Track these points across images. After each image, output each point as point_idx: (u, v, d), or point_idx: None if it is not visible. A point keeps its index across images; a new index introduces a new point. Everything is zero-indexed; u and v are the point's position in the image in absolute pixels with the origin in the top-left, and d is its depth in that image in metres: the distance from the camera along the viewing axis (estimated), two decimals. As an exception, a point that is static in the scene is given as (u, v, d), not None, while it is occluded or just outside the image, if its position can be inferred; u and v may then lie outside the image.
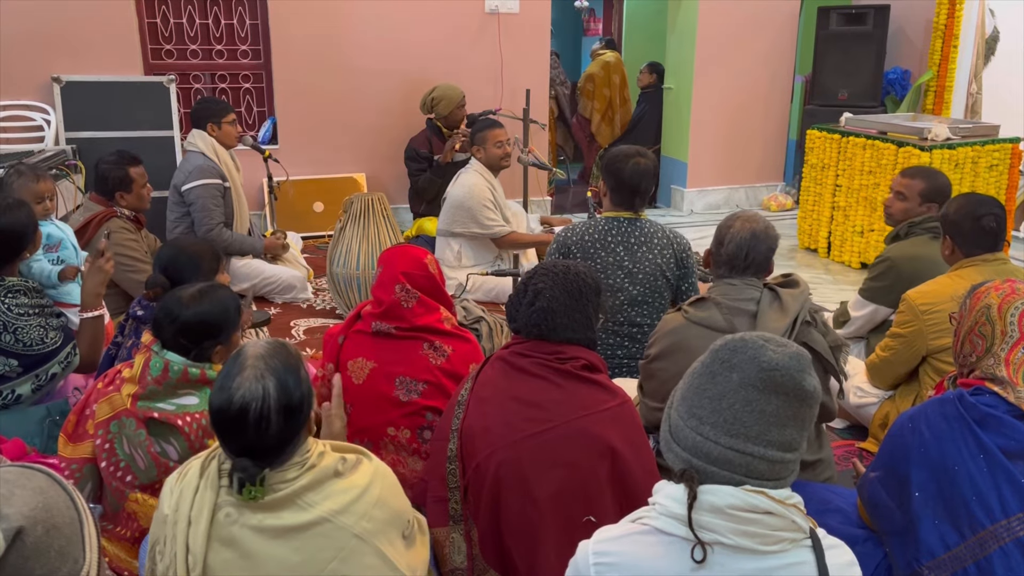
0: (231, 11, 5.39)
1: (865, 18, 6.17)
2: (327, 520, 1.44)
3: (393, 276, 2.35)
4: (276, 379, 1.45)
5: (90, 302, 2.73)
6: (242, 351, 1.51)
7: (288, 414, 1.44)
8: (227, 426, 1.44)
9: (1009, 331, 1.76)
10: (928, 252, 3.05)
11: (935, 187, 3.19)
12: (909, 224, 3.19)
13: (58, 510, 1.06)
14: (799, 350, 1.29)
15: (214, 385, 1.48)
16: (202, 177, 4.04)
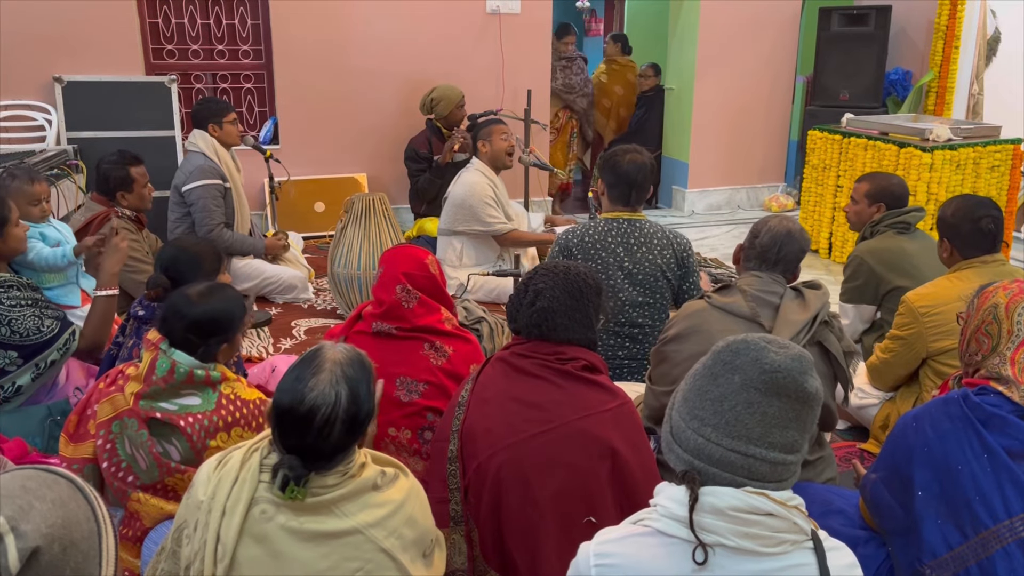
0: (232, 11, 5.39)
1: (867, 19, 6.17)
2: (359, 532, 1.44)
3: (394, 276, 2.35)
4: (350, 388, 1.46)
5: (106, 280, 2.75)
6: (320, 352, 1.51)
7: (352, 425, 1.45)
8: (291, 423, 1.43)
9: (1016, 330, 1.76)
10: (893, 244, 3.17)
11: (879, 187, 3.32)
12: (871, 225, 3.30)
13: (77, 524, 1.01)
14: (801, 352, 1.29)
15: (284, 380, 1.47)
16: (203, 178, 4.04)
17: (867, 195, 3.36)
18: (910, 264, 3.09)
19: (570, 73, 6.53)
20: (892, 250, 3.16)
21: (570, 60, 6.53)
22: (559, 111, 6.58)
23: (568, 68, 6.53)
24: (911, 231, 3.24)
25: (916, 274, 3.03)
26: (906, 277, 3.05)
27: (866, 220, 3.35)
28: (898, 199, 3.31)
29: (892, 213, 3.27)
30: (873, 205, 3.34)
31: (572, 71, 6.55)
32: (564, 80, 6.49)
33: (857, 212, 3.41)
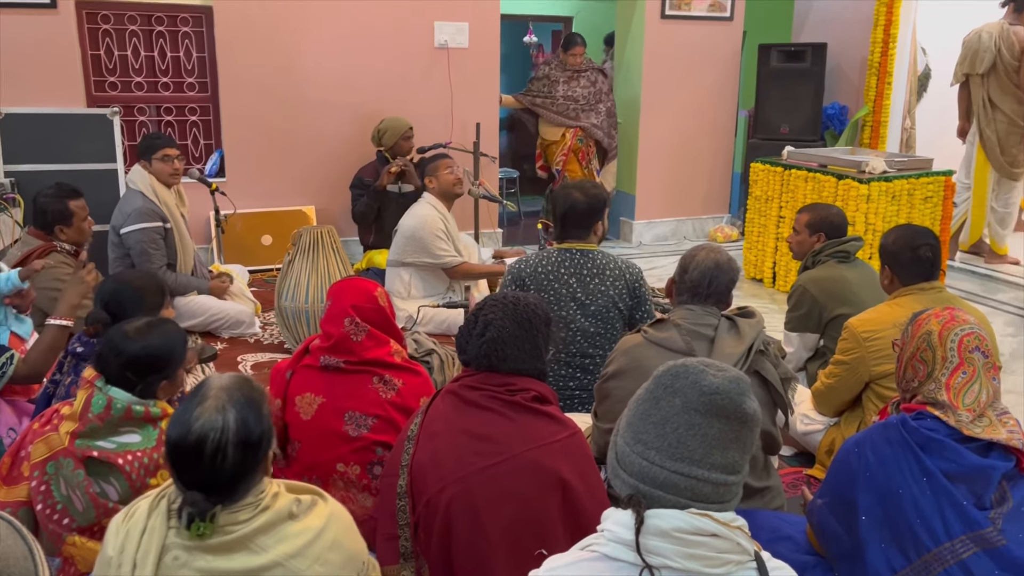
0: (177, 44, 5.34)
1: (804, 55, 6.38)
2: (280, 564, 1.40)
3: (342, 309, 2.34)
4: (237, 412, 1.43)
5: (65, 311, 2.68)
6: (206, 382, 1.49)
7: (246, 449, 1.42)
8: (182, 457, 1.40)
9: (949, 357, 1.81)
10: (834, 273, 3.26)
11: (819, 218, 3.44)
12: (813, 255, 3.39)
13: (16, 560, 1.00)
14: (738, 374, 1.32)
15: (173, 415, 1.45)
16: (140, 221, 3.96)
17: (808, 225, 3.46)
18: (851, 292, 3.18)
19: (575, 86, 6.14)
20: (834, 279, 3.24)
21: (577, 72, 6.16)
22: (565, 132, 6.20)
23: (574, 80, 6.15)
24: (851, 260, 3.33)
25: (856, 302, 3.11)
26: (847, 305, 3.13)
27: (807, 250, 3.44)
28: (837, 229, 3.41)
29: (832, 243, 3.36)
30: (814, 235, 3.44)
31: (579, 83, 6.15)
32: (566, 92, 6.12)
33: (799, 242, 3.51)
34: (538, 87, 6.17)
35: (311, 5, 5.41)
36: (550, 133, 6.21)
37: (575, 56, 6.11)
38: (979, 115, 5.51)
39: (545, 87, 6.14)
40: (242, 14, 5.28)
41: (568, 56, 6.12)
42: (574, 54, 6.11)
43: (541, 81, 6.17)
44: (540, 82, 6.17)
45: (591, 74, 6.21)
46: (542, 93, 6.14)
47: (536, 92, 6.17)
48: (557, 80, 6.12)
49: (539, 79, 6.19)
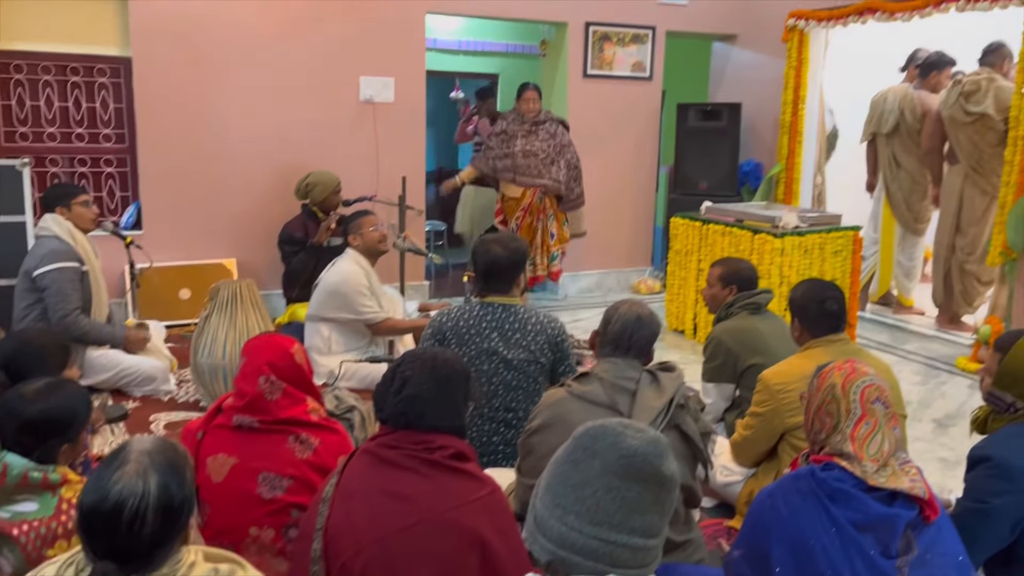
0: (93, 94, 5.24)
1: (720, 115, 6.64)
2: None
3: (257, 367, 2.28)
4: (159, 476, 1.37)
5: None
6: (126, 445, 1.43)
7: (166, 516, 1.36)
8: (97, 524, 1.33)
9: (852, 408, 1.87)
10: (747, 324, 3.37)
11: (730, 271, 3.59)
12: (725, 307, 3.51)
13: None
14: (657, 436, 1.33)
15: (89, 479, 1.38)
16: (57, 260, 3.83)
17: (720, 279, 3.60)
18: (763, 342, 3.28)
19: (534, 139, 5.78)
20: (746, 329, 3.35)
21: (536, 124, 5.81)
22: (526, 190, 5.85)
23: (533, 134, 5.79)
24: (762, 312, 3.45)
25: (768, 351, 3.22)
26: (759, 354, 3.24)
27: (721, 302, 3.56)
28: (748, 281, 3.54)
29: (743, 295, 3.48)
30: (726, 288, 3.56)
31: (538, 136, 5.79)
32: (524, 147, 5.76)
33: (712, 295, 3.63)
34: (496, 143, 5.88)
35: (234, 57, 5.38)
36: (511, 190, 5.94)
37: (528, 103, 5.80)
38: (885, 172, 5.80)
39: (503, 143, 5.83)
40: (162, 65, 5.22)
41: (521, 103, 5.83)
42: (526, 99, 5.81)
43: (499, 137, 5.88)
44: (498, 138, 5.88)
45: (550, 125, 5.88)
46: (500, 151, 5.82)
47: (495, 150, 5.85)
48: (515, 135, 5.80)
49: (496, 135, 5.90)
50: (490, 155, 5.90)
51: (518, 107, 5.86)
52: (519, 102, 5.84)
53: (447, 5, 6.02)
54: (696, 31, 6.91)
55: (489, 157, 5.91)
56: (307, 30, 5.55)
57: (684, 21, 6.78)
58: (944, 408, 4.33)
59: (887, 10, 5.55)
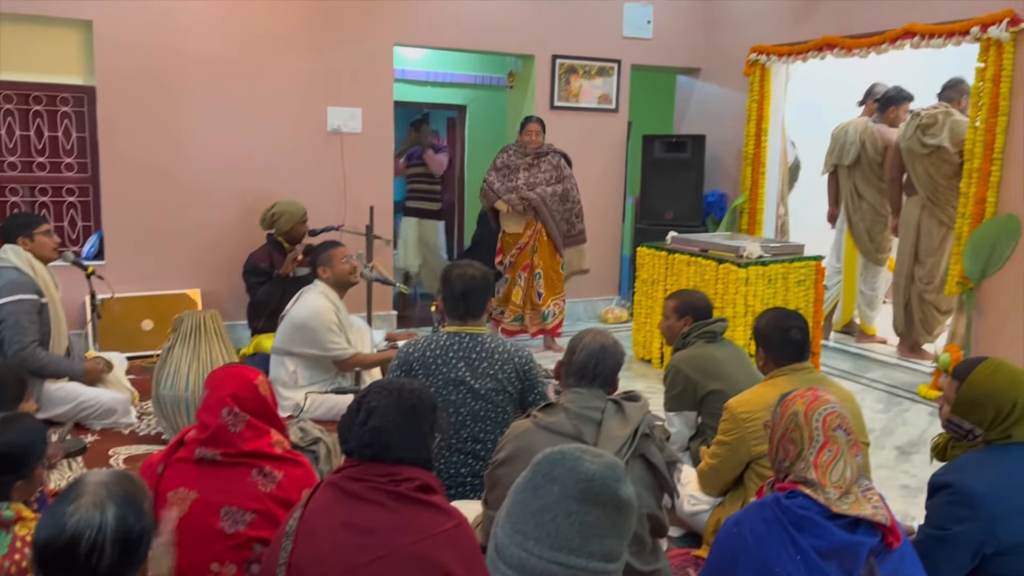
0: (56, 123, 5.18)
1: (685, 146, 6.74)
2: None
3: (220, 399, 2.25)
4: (117, 508, 1.35)
5: None
6: (82, 478, 1.40)
7: (124, 548, 1.34)
8: (53, 558, 1.30)
9: (815, 436, 1.89)
10: (704, 352, 3.45)
11: (684, 302, 3.69)
12: (682, 337, 3.58)
13: None
14: (614, 460, 1.34)
15: (44, 513, 1.35)
16: (15, 292, 3.76)
17: (675, 310, 3.69)
18: (720, 369, 3.36)
19: (536, 171, 5.69)
20: (704, 357, 3.42)
21: (538, 156, 5.73)
22: (528, 227, 5.71)
23: (535, 166, 5.71)
24: (718, 340, 3.53)
25: (726, 377, 3.30)
26: (718, 380, 3.31)
27: (677, 333, 3.64)
28: (702, 311, 3.63)
29: (699, 324, 3.56)
30: (681, 319, 3.66)
31: (540, 169, 5.69)
32: (528, 180, 5.64)
33: (669, 327, 3.73)
34: (497, 178, 5.71)
35: (200, 86, 5.37)
36: (512, 226, 5.75)
37: (531, 135, 5.69)
38: (847, 204, 5.92)
39: (505, 177, 5.66)
40: (127, 94, 5.18)
41: (523, 136, 5.73)
42: (529, 132, 5.71)
43: (500, 172, 5.72)
44: (499, 173, 5.71)
45: (552, 157, 5.77)
46: (504, 186, 5.66)
47: (498, 184, 5.69)
48: (517, 168, 5.66)
49: (497, 169, 5.73)
50: (493, 190, 5.69)
51: (520, 139, 5.77)
52: (522, 135, 5.77)
53: (415, 37, 6.07)
54: (661, 64, 7.03)
55: (491, 192, 5.70)
56: (275, 61, 5.55)
57: (649, 55, 6.90)
58: (906, 435, 4.39)
59: (845, 46, 5.70)
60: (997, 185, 4.81)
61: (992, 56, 4.76)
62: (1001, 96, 4.74)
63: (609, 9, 6.67)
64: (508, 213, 5.69)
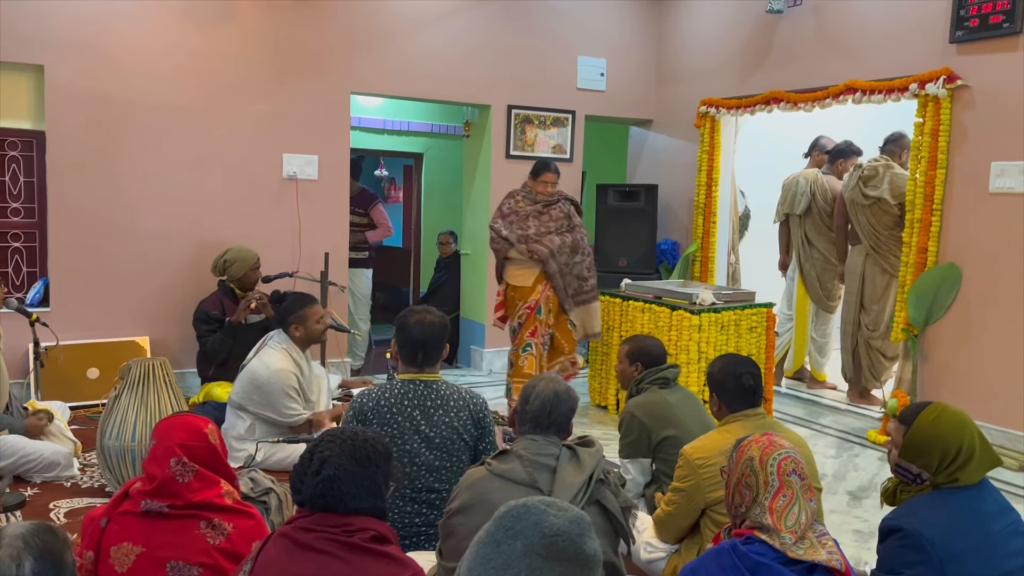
0: (3, 168, 5.09)
1: (638, 195, 6.86)
2: None
3: (168, 449, 2.19)
4: (34, 561, 1.31)
5: None
6: (1, 531, 1.36)
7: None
8: None
9: (770, 481, 1.91)
10: (657, 398, 3.48)
11: (636, 348, 3.74)
12: (636, 383, 3.62)
13: None
14: (579, 514, 1.32)
15: None
16: None
17: (627, 355, 3.74)
18: (673, 415, 3.39)
19: (547, 220, 5.16)
20: (657, 403, 3.45)
21: (548, 204, 5.19)
22: (538, 280, 5.08)
23: (545, 214, 5.16)
24: (671, 385, 3.56)
25: (680, 423, 3.33)
26: (672, 427, 3.34)
27: (629, 378, 3.69)
28: (654, 358, 3.66)
29: (652, 371, 3.60)
30: (632, 365, 3.70)
31: (550, 216, 5.16)
32: (539, 229, 5.12)
33: (622, 371, 3.78)
34: (505, 226, 5.15)
35: (152, 131, 5.33)
36: (520, 276, 5.11)
37: (546, 184, 5.16)
38: (798, 252, 6.07)
39: (513, 224, 5.12)
40: (77, 139, 5.12)
41: (537, 184, 5.18)
42: (544, 182, 5.16)
43: (508, 218, 5.16)
44: (506, 220, 5.16)
45: (563, 204, 5.26)
46: (514, 235, 5.08)
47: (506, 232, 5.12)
48: (527, 216, 5.13)
49: (504, 216, 5.18)
50: (502, 237, 5.14)
51: (531, 187, 5.23)
52: (535, 182, 5.21)
53: (372, 86, 6.12)
54: (614, 116, 7.19)
55: (502, 240, 5.14)
56: (230, 107, 5.55)
57: (602, 106, 7.05)
58: (857, 480, 4.44)
59: (790, 100, 5.89)
60: (937, 235, 4.99)
61: (930, 111, 4.97)
62: (939, 150, 4.93)
63: (563, 61, 6.82)
64: (520, 264, 5.10)
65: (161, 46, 5.30)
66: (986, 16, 4.72)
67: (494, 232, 5.19)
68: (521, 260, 5.09)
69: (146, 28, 5.25)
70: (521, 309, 5.11)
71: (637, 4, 7.13)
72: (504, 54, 6.53)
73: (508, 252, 5.10)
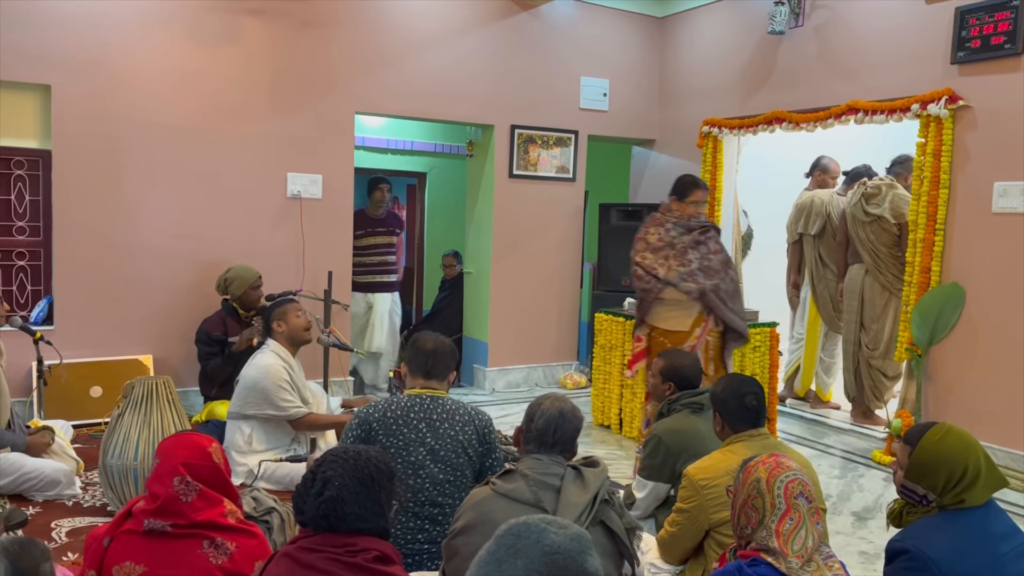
0: (9, 186, 5.11)
1: (641, 214, 6.83)
2: None
3: (172, 468, 2.19)
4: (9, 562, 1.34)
5: None
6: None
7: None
8: None
9: (777, 503, 1.90)
10: (688, 425, 3.36)
11: (670, 366, 3.60)
12: (668, 403, 3.52)
13: None
14: (580, 532, 1.32)
15: None
16: None
17: (661, 372, 3.61)
18: (702, 444, 3.18)
19: (706, 251, 4.40)
20: (687, 431, 3.30)
21: (703, 230, 4.46)
22: (697, 320, 4.37)
23: (702, 244, 4.41)
24: (704, 411, 3.39)
25: (707, 451, 3.09)
26: (698, 457, 3.08)
27: (660, 394, 3.58)
28: (686, 380, 3.53)
29: (687, 394, 3.47)
30: (665, 383, 3.58)
31: (708, 248, 4.41)
32: (702, 264, 4.30)
33: (654, 386, 3.67)
34: (659, 261, 4.37)
35: (157, 151, 5.35)
36: (675, 319, 4.37)
37: (697, 205, 4.37)
38: (811, 272, 6.07)
39: (668, 258, 4.34)
40: (83, 159, 5.15)
41: (686, 205, 4.39)
42: (694, 202, 4.36)
43: (660, 252, 4.36)
44: (658, 253, 4.35)
45: (715, 233, 4.50)
46: (676, 271, 4.30)
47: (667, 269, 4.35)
48: (684, 248, 4.31)
49: (656, 249, 4.36)
50: (659, 278, 4.36)
51: (678, 209, 4.42)
52: (683, 203, 4.41)
53: (376, 106, 6.16)
54: (616, 135, 7.22)
55: (652, 279, 4.38)
56: (235, 127, 5.58)
57: (605, 126, 7.08)
58: (862, 501, 4.42)
59: (792, 120, 5.92)
60: (940, 255, 4.99)
61: (932, 132, 4.98)
62: (942, 170, 4.95)
63: (566, 81, 6.86)
64: (674, 306, 4.33)
65: (167, 67, 5.34)
66: (988, 37, 4.75)
67: (643, 270, 4.35)
68: (676, 300, 4.32)
69: (152, 49, 5.29)
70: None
71: (639, 25, 7.19)
72: (507, 74, 6.57)
73: (663, 292, 4.28)
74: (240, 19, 5.53)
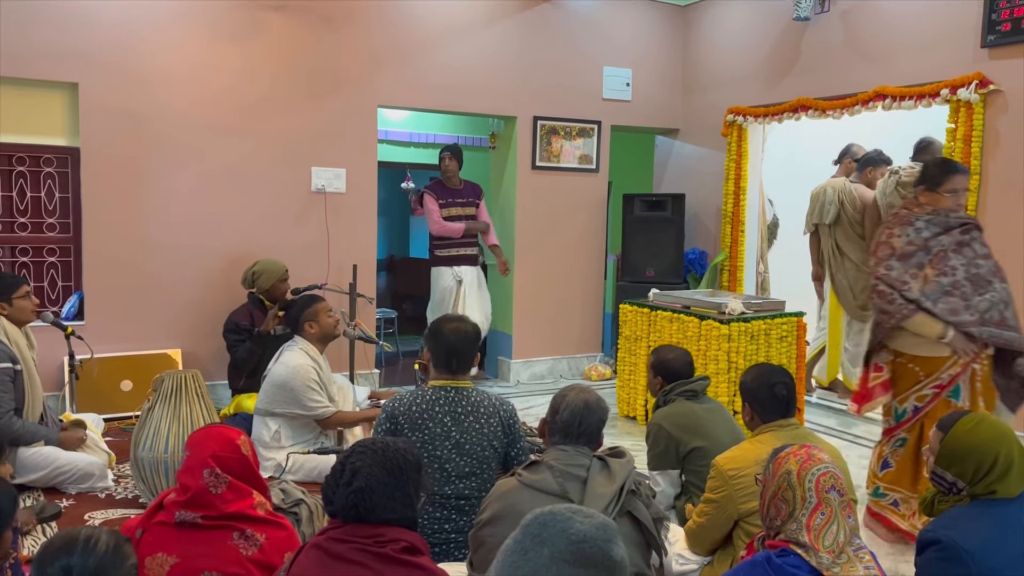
0: (39, 184, 5.18)
1: (664, 205, 6.83)
2: None
3: (202, 460, 2.22)
4: (107, 537, 1.42)
5: None
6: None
7: None
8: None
9: (808, 497, 1.88)
10: (683, 409, 3.42)
11: (658, 360, 3.67)
12: (663, 394, 3.56)
13: None
14: (605, 520, 1.32)
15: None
16: None
17: (651, 367, 3.69)
18: (701, 425, 3.33)
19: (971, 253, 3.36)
20: (685, 414, 3.39)
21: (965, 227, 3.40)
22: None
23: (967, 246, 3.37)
24: (700, 397, 3.51)
25: (708, 434, 3.28)
26: (700, 437, 3.28)
27: (656, 390, 3.64)
28: (674, 372, 3.58)
29: (681, 383, 3.54)
30: (657, 377, 3.64)
31: (973, 249, 3.36)
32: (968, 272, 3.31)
33: (649, 382, 3.74)
34: (913, 267, 3.36)
35: (184, 147, 5.40)
36: (928, 343, 3.34)
37: (955, 196, 3.41)
38: (829, 262, 5.99)
39: (922, 268, 3.36)
40: (111, 155, 5.21)
41: (941, 197, 3.40)
42: (952, 190, 3.40)
43: (909, 262, 3.35)
44: (906, 263, 3.35)
45: (975, 230, 3.42)
46: (938, 284, 3.31)
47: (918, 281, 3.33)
48: (944, 251, 3.35)
49: (903, 257, 3.36)
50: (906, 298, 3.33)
51: (930, 203, 3.42)
52: (935, 195, 3.41)
53: (399, 99, 6.17)
54: (640, 125, 7.18)
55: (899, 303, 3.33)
56: (259, 122, 5.61)
57: (628, 116, 7.04)
58: (892, 491, 4.36)
59: (818, 108, 5.85)
60: (971, 242, 4.90)
61: (962, 117, 4.90)
62: (972, 155, 4.86)
63: (589, 72, 6.82)
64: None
65: (191, 64, 5.39)
66: (1018, 20, 4.66)
67: (885, 285, 3.37)
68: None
69: (176, 47, 5.34)
70: (924, 388, 3.40)
71: (662, 13, 7.13)
72: (529, 65, 6.55)
73: (902, 322, 3.34)
74: (263, 16, 5.56)
